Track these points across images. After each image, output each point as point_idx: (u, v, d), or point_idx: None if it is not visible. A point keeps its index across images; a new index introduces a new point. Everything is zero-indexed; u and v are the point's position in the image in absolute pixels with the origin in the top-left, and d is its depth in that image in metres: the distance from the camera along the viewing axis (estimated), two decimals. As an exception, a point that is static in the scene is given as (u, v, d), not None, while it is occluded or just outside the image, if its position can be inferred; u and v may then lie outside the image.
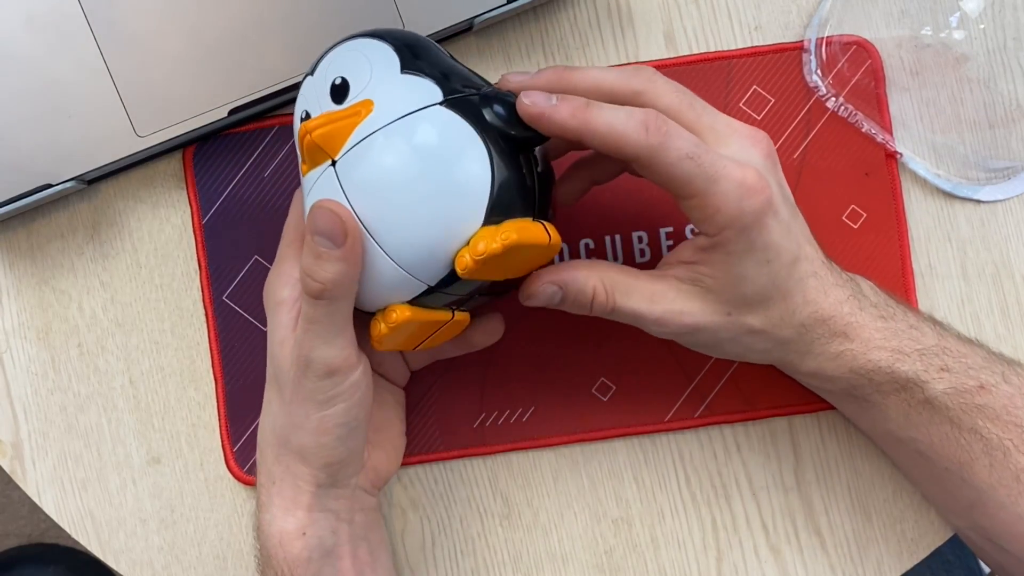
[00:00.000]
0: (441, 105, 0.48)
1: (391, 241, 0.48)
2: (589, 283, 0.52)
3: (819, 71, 0.61)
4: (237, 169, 0.62)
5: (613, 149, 0.48)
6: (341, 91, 0.49)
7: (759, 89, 0.62)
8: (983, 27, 0.61)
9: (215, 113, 0.59)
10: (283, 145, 0.62)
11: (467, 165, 0.48)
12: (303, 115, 0.51)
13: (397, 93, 0.49)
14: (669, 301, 0.52)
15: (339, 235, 0.47)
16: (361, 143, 0.48)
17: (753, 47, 0.62)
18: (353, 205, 0.48)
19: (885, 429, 0.56)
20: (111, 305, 0.62)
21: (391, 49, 0.50)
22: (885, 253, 0.62)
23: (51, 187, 0.58)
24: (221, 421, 0.62)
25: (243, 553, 0.62)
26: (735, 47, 0.62)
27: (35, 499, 0.62)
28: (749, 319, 0.53)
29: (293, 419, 0.52)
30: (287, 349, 0.52)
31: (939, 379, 0.53)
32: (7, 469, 0.62)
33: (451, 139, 0.48)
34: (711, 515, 0.62)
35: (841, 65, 0.61)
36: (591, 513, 0.62)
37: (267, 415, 0.55)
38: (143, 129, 0.59)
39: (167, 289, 0.62)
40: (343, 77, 0.50)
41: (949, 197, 0.62)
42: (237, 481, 0.62)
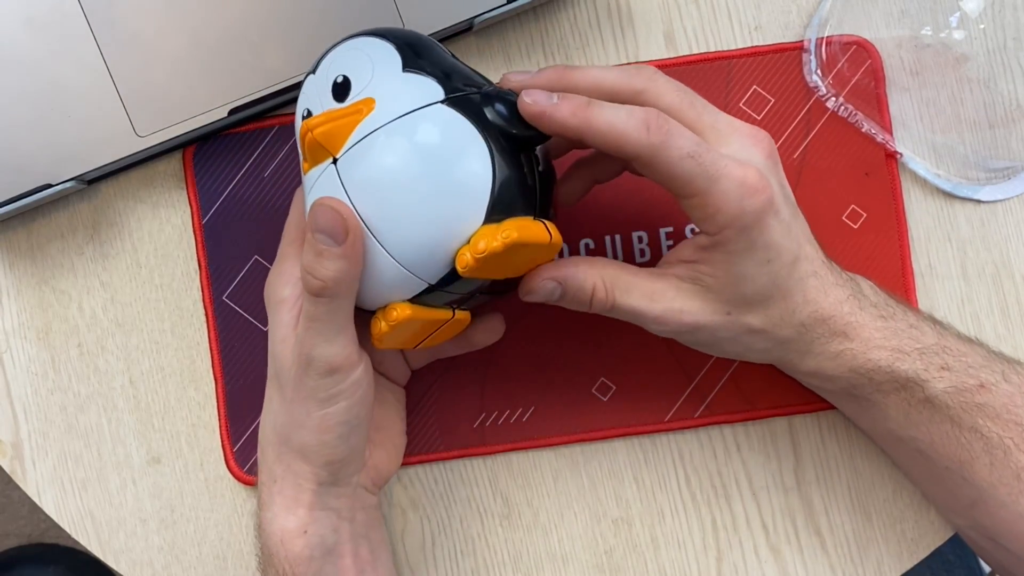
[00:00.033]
0: (442, 103, 0.48)
1: (392, 239, 0.48)
2: (589, 280, 0.52)
3: (819, 71, 0.61)
4: (237, 169, 0.62)
5: (614, 148, 0.48)
6: (343, 89, 0.49)
7: (759, 89, 0.62)
8: (983, 27, 0.61)
9: (215, 113, 0.59)
10: (283, 145, 0.62)
11: (468, 163, 0.48)
12: (305, 113, 0.51)
13: (399, 91, 0.49)
14: (669, 299, 0.52)
15: (340, 232, 0.47)
16: (362, 141, 0.48)
17: (753, 47, 0.62)
18: (354, 203, 0.48)
19: (885, 428, 0.56)
20: (111, 305, 0.62)
21: (393, 48, 0.50)
22: (885, 253, 0.62)
23: (51, 187, 0.58)
24: (221, 421, 0.62)
25: (243, 553, 0.62)
26: (735, 47, 0.62)
27: (35, 499, 0.62)
28: (749, 318, 0.52)
29: (294, 417, 0.52)
30: (288, 347, 0.52)
31: (939, 378, 0.53)
32: (7, 469, 0.62)
33: (452, 137, 0.48)
34: (711, 515, 0.62)
35: (841, 65, 0.61)
36: (591, 513, 0.62)
37: (268, 413, 0.55)
38: (143, 129, 0.59)
39: (167, 289, 0.62)
40: (345, 75, 0.50)
41: (949, 197, 0.62)
42: (237, 481, 0.62)
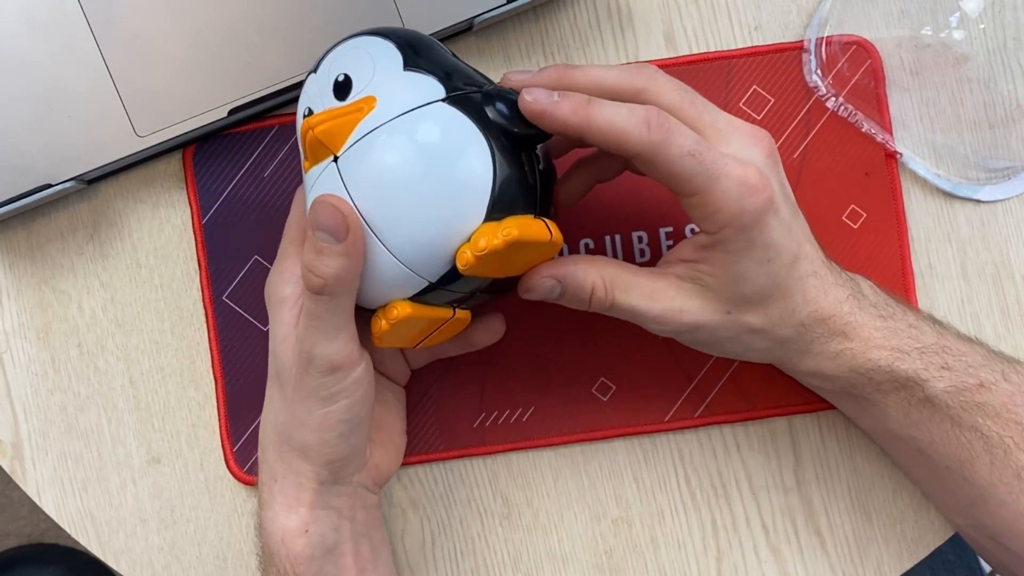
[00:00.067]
0: (443, 102, 0.48)
1: (392, 237, 0.48)
2: (588, 278, 0.52)
3: (819, 71, 0.61)
4: (237, 169, 0.62)
5: (614, 146, 0.48)
6: (344, 88, 0.49)
7: (759, 89, 0.62)
8: (983, 27, 0.61)
9: (215, 113, 0.59)
10: (283, 145, 0.62)
11: (469, 161, 0.48)
12: (306, 112, 0.51)
13: (400, 90, 0.49)
14: (668, 299, 0.52)
15: (340, 230, 0.47)
16: (363, 139, 0.48)
17: (753, 47, 0.62)
18: (355, 201, 0.48)
19: (885, 428, 0.56)
20: (111, 305, 0.62)
21: (394, 47, 0.50)
22: (885, 253, 0.62)
23: (51, 187, 0.58)
24: (221, 421, 0.62)
25: (243, 553, 0.62)
26: (735, 47, 0.62)
27: (35, 499, 0.62)
28: (748, 318, 0.52)
29: (295, 416, 0.52)
30: (289, 346, 0.52)
31: (939, 377, 0.53)
32: (7, 469, 0.62)
33: (453, 135, 0.48)
34: (711, 515, 0.62)
35: (841, 65, 0.61)
36: (591, 513, 0.62)
37: (269, 412, 0.55)
38: (143, 129, 0.59)
39: (167, 289, 0.62)
40: (346, 74, 0.50)
41: (949, 197, 0.62)
42: (237, 481, 0.62)
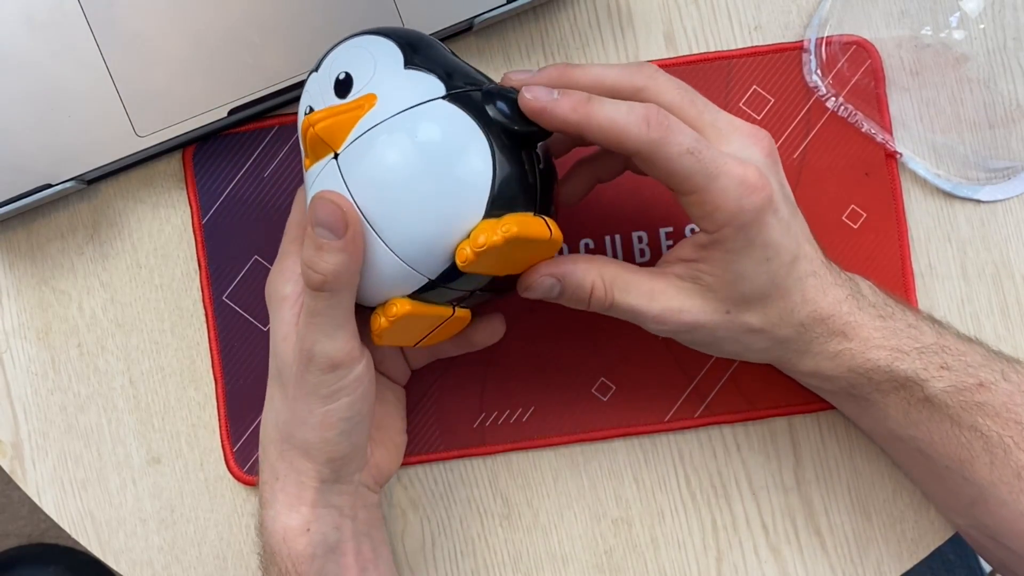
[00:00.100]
0: (444, 99, 0.48)
1: (392, 234, 0.48)
2: (588, 277, 0.52)
3: (819, 71, 0.61)
4: (237, 169, 0.62)
5: (614, 143, 0.48)
6: (345, 86, 0.50)
7: (759, 89, 0.62)
8: (983, 27, 0.61)
9: (215, 113, 0.59)
10: (283, 145, 0.62)
11: (469, 159, 0.48)
12: (307, 110, 0.51)
13: (400, 87, 0.49)
14: (668, 298, 0.52)
15: (340, 226, 0.47)
16: (363, 136, 0.48)
17: (753, 47, 0.62)
18: (355, 198, 0.48)
19: (885, 428, 0.56)
20: (111, 305, 0.62)
21: (395, 46, 0.50)
22: (885, 253, 0.62)
23: (51, 187, 0.58)
24: (221, 421, 0.62)
25: (243, 553, 0.62)
26: (735, 47, 0.62)
27: (35, 499, 0.62)
28: (748, 317, 0.52)
29: (296, 414, 0.52)
30: (290, 345, 0.52)
31: (938, 377, 0.53)
32: (7, 469, 0.62)
33: (453, 133, 0.48)
34: (711, 515, 0.62)
35: (841, 65, 0.61)
36: (591, 513, 0.62)
37: (270, 411, 0.55)
38: (143, 129, 0.59)
39: (167, 289, 0.62)
40: (347, 72, 0.50)
41: (949, 197, 0.62)
42: (237, 481, 0.62)
